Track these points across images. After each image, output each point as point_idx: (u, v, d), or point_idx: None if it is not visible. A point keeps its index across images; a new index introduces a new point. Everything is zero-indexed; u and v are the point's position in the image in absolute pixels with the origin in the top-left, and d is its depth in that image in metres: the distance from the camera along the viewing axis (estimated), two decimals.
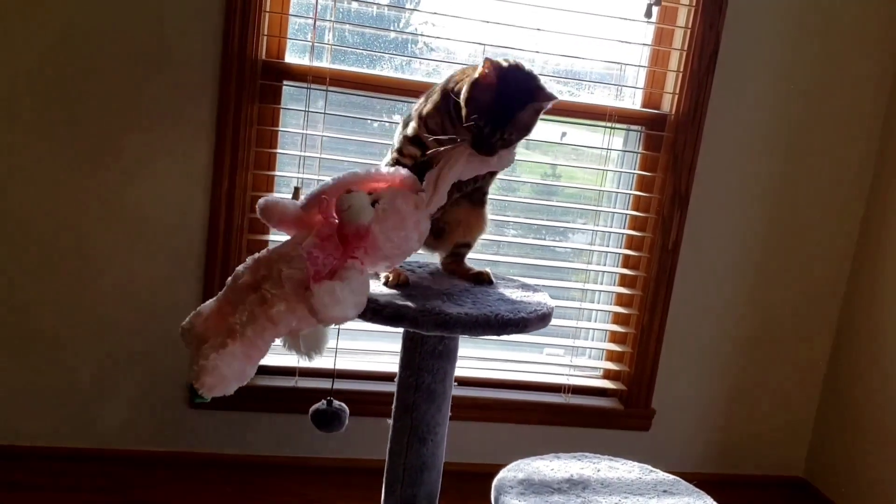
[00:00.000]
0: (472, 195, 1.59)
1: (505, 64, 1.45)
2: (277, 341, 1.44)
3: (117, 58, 2.03)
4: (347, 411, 1.68)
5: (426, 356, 1.52)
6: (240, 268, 1.49)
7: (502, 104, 1.42)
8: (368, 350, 2.34)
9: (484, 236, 1.69)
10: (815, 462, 2.56)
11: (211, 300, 1.52)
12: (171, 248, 2.15)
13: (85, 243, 2.11)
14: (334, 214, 1.42)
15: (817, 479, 2.55)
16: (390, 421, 1.61)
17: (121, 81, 2.05)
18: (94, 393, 2.20)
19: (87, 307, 2.15)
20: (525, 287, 1.64)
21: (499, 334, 1.42)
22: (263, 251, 1.50)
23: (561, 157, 2.41)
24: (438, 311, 1.38)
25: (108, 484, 2.17)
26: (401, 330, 1.52)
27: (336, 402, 1.66)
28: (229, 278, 1.51)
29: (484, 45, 2.16)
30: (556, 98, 1.45)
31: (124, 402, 2.21)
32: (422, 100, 1.58)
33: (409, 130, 1.56)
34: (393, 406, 1.60)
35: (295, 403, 2.25)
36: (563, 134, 2.36)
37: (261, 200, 1.51)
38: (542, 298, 1.56)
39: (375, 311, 1.39)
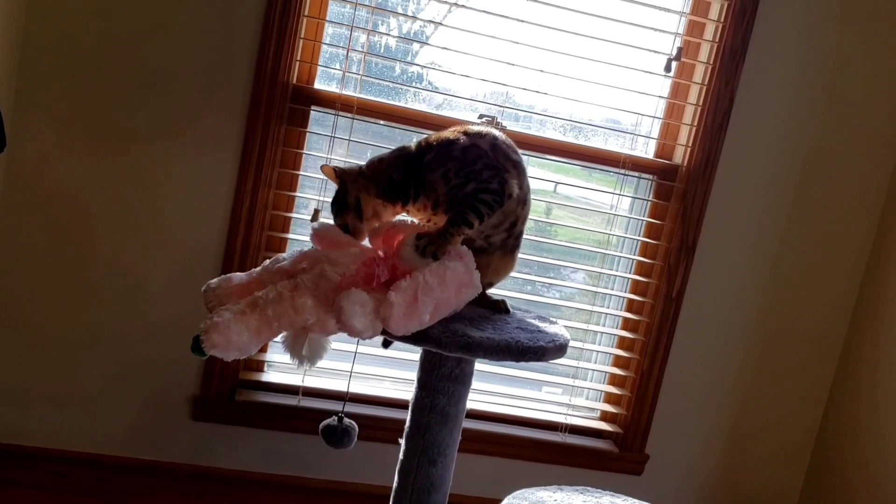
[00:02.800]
0: (506, 241, 1.64)
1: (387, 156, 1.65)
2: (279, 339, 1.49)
3: (154, 70, 2.09)
4: (357, 429, 1.71)
5: (443, 378, 1.56)
6: (281, 255, 1.54)
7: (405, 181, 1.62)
8: (376, 375, 2.37)
9: None
10: None
11: (241, 273, 1.57)
12: (186, 260, 2.19)
13: (99, 250, 2.15)
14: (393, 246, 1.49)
15: None
16: (402, 440, 1.64)
17: (154, 95, 2.10)
18: (98, 398, 2.21)
19: (98, 313, 2.18)
20: (541, 318, 1.68)
21: (518, 360, 1.46)
22: (309, 249, 1.55)
23: (571, 200, 2.47)
24: (462, 334, 1.42)
25: (105, 489, 2.18)
26: (410, 357, 1.57)
27: (346, 420, 1.69)
28: (268, 261, 1.56)
29: (509, 85, 2.24)
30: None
31: (127, 409, 2.23)
32: None
33: None
34: (406, 426, 1.63)
35: (297, 422, 2.28)
36: (556, 185, 2.44)
37: (316, 225, 1.61)
38: (559, 330, 1.60)
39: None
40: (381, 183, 1.60)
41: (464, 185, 1.53)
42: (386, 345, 1.72)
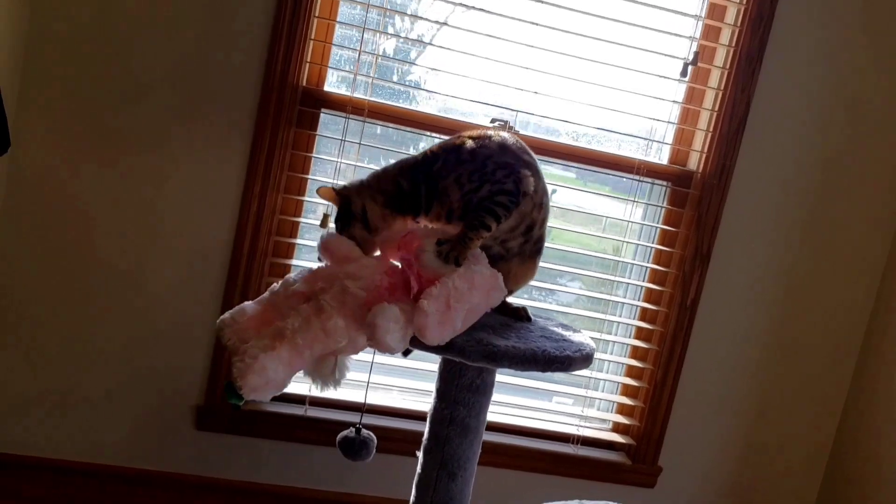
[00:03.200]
0: (523, 246, 1.59)
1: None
2: None
3: (161, 72, 2.04)
4: (375, 441, 1.65)
5: (463, 389, 1.51)
6: (290, 276, 1.48)
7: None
8: (389, 385, 2.32)
9: None
10: None
11: (251, 302, 1.50)
12: (191, 266, 2.13)
13: (102, 254, 2.09)
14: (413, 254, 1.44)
15: None
16: (419, 453, 1.59)
17: (161, 97, 2.05)
18: (100, 407, 2.15)
19: (101, 319, 2.12)
20: (564, 326, 1.63)
21: (544, 371, 1.41)
22: (321, 266, 1.49)
23: (586, 206, 2.42)
24: (487, 343, 1.37)
25: (107, 500, 2.12)
26: (424, 367, 1.53)
27: (364, 431, 1.64)
28: (275, 284, 1.50)
29: (522, 89, 2.19)
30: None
31: (130, 418, 2.17)
32: None
33: None
34: (424, 438, 1.58)
35: (304, 432, 2.23)
36: (554, 191, 2.39)
37: (325, 235, 1.55)
38: (584, 339, 1.55)
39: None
40: (389, 191, 1.54)
41: (478, 189, 1.48)
42: (406, 353, 1.67)
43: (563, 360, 1.41)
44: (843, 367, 2.51)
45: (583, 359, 1.45)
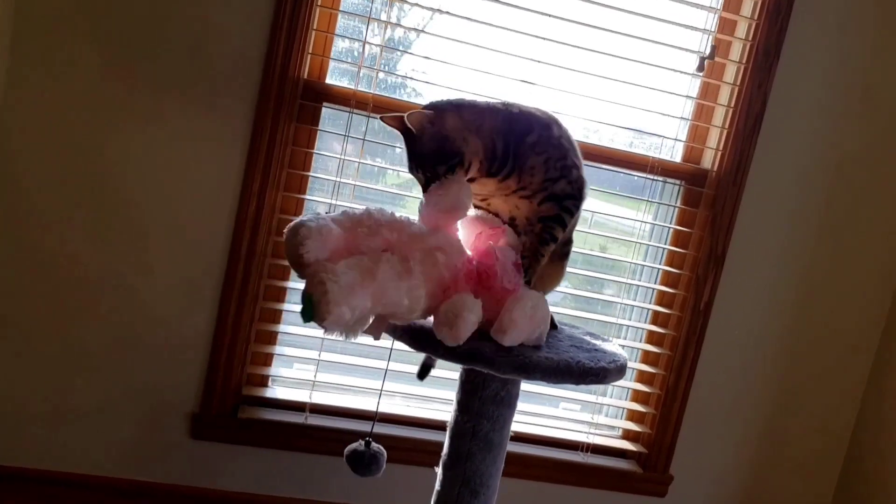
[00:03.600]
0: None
1: (432, 111, 1.43)
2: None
3: (155, 63, 1.93)
4: (385, 455, 1.56)
5: (487, 402, 1.41)
6: (374, 212, 1.36)
7: (408, 148, 1.44)
8: (395, 392, 2.23)
9: None
10: None
11: (329, 218, 1.33)
12: (186, 268, 2.03)
13: (94, 258, 1.98)
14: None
15: None
16: (438, 469, 1.49)
17: (157, 89, 1.94)
18: (92, 417, 2.05)
19: (93, 326, 2.01)
20: (592, 335, 1.54)
21: (577, 383, 1.32)
22: (404, 218, 1.39)
23: (595, 206, 2.34)
24: (518, 354, 1.28)
25: None
26: (435, 372, 1.46)
27: (374, 444, 1.54)
28: (357, 213, 1.36)
29: (531, 83, 2.10)
30: (416, 114, 1.40)
31: (124, 428, 2.06)
32: None
33: None
34: (444, 453, 1.48)
35: (304, 441, 2.13)
36: None
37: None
38: (616, 349, 1.47)
39: (448, 348, 1.28)
40: (488, 148, 1.43)
41: (557, 180, 1.44)
42: (423, 375, 1.59)
43: (598, 371, 1.32)
44: (859, 372, 2.44)
45: (617, 370, 1.36)
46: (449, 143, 1.39)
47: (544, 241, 1.43)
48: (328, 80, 2.08)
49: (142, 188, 1.97)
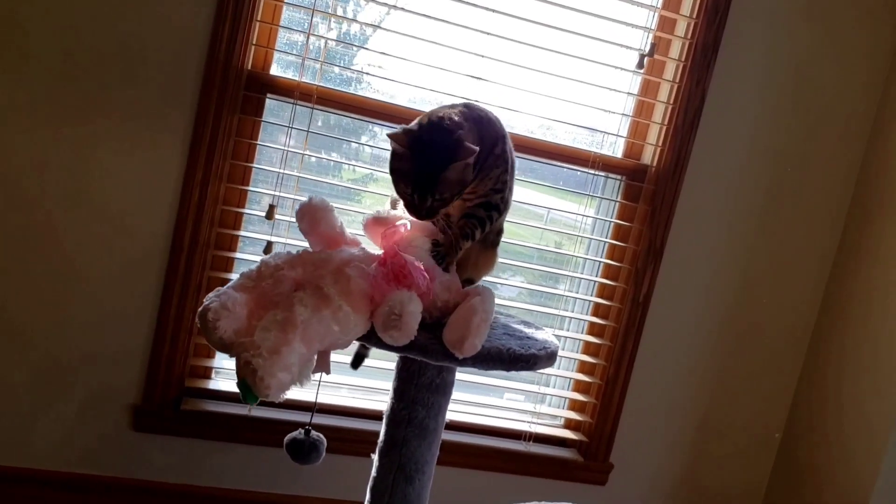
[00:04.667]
0: (486, 236, 1.53)
1: (416, 127, 1.37)
2: None
3: (98, 53, 1.91)
4: (325, 443, 1.57)
5: (422, 389, 1.44)
6: (269, 260, 1.37)
7: (423, 169, 1.34)
8: (338, 383, 2.24)
9: None
10: None
11: (231, 288, 1.34)
12: (128, 258, 2.02)
13: (31, 244, 1.96)
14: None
15: None
16: (374, 456, 1.51)
17: (98, 78, 1.92)
18: (27, 406, 2.02)
19: (28, 309, 1.99)
20: (526, 324, 1.58)
21: (508, 370, 1.35)
22: (300, 251, 1.40)
23: (538, 200, 2.37)
24: None
25: None
26: (378, 364, 1.48)
27: (314, 433, 1.55)
28: (252, 270, 1.37)
29: (475, 77, 2.13)
30: (476, 150, 1.36)
31: (61, 418, 2.04)
32: None
33: None
34: (380, 440, 1.50)
35: (249, 433, 2.13)
36: None
37: (309, 201, 1.45)
38: (547, 336, 1.50)
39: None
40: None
41: (497, 192, 1.47)
42: (357, 364, 1.61)
43: (528, 358, 1.35)
44: (793, 362, 2.51)
45: (547, 357, 1.39)
46: (468, 168, 1.38)
47: (465, 237, 1.45)
48: (272, 72, 2.09)
49: (82, 179, 1.95)
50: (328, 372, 1.35)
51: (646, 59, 2.25)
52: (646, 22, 2.28)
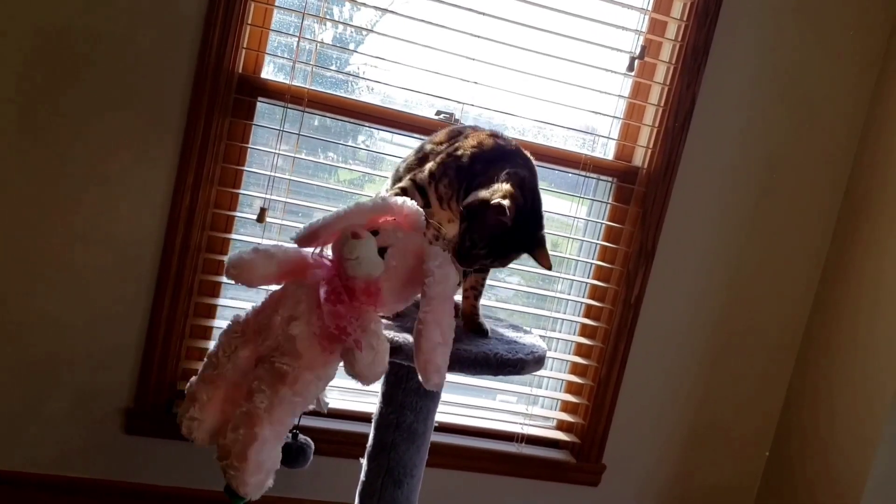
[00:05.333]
0: None
1: (522, 201, 1.38)
2: None
3: (89, 56, 1.92)
4: (313, 447, 1.58)
5: (411, 393, 1.44)
6: (224, 339, 1.38)
7: (508, 242, 1.38)
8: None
9: None
10: None
11: (195, 380, 1.39)
12: (120, 261, 2.02)
13: (24, 248, 1.96)
14: (330, 255, 1.35)
15: None
16: (363, 460, 1.52)
17: (88, 81, 1.93)
18: (19, 410, 2.02)
19: (21, 312, 1.99)
20: (514, 327, 1.58)
21: (496, 374, 1.36)
22: (248, 314, 1.40)
23: None
24: None
25: None
26: None
27: (301, 437, 1.56)
28: (214, 351, 1.39)
29: (467, 80, 2.13)
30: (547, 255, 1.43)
31: (53, 420, 2.04)
32: (433, 146, 1.55)
33: (418, 178, 1.51)
34: (368, 444, 1.51)
35: None
36: None
37: (230, 262, 1.40)
38: (535, 340, 1.51)
39: None
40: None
41: None
42: None
43: (515, 363, 1.36)
44: (784, 363, 2.52)
45: (535, 361, 1.40)
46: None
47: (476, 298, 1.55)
48: (263, 75, 2.09)
49: (74, 184, 1.96)
50: (323, 409, 1.44)
51: (636, 61, 2.26)
52: (636, 25, 2.29)
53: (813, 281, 2.48)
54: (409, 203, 1.41)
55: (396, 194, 1.50)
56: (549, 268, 1.38)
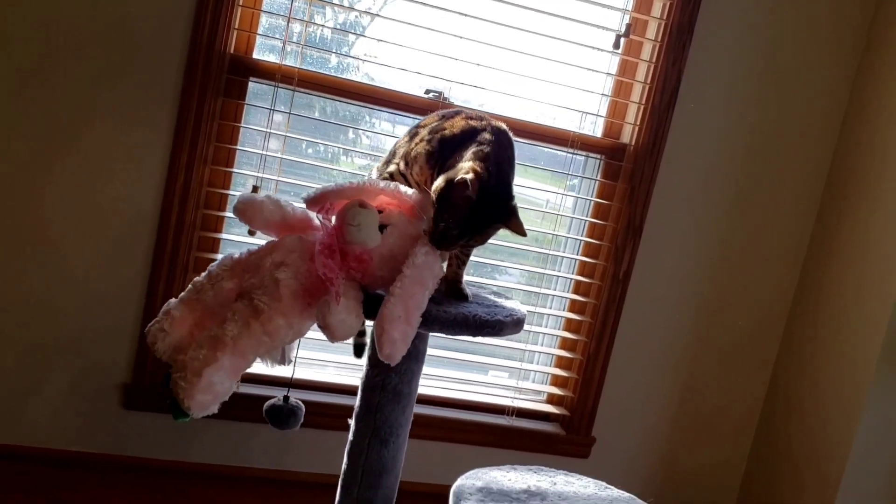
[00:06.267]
0: None
1: (486, 175, 1.37)
2: None
3: (81, 38, 1.96)
4: (303, 409, 1.63)
5: None
6: (214, 269, 1.42)
7: (478, 217, 1.38)
8: (318, 360, 2.29)
9: None
10: (746, 496, 2.60)
11: (175, 301, 1.43)
12: (117, 240, 2.06)
13: (20, 226, 2.01)
14: (332, 220, 1.38)
15: None
16: (351, 421, 1.56)
17: (81, 62, 1.97)
18: (19, 385, 2.07)
19: (19, 290, 2.04)
20: (497, 294, 1.62)
21: (475, 335, 1.40)
22: (242, 253, 1.44)
23: (519, 178, 2.42)
24: None
25: (32, 484, 2.04)
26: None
27: (292, 399, 1.61)
28: (201, 278, 1.44)
29: (455, 58, 2.17)
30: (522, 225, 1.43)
31: (52, 396, 2.09)
32: (421, 129, 1.57)
33: (400, 165, 1.55)
34: (356, 405, 1.56)
35: (235, 410, 2.16)
36: None
37: (241, 198, 1.46)
38: (515, 305, 1.55)
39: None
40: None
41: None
42: (359, 353, 1.64)
43: (493, 324, 1.40)
44: (771, 336, 2.56)
45: (514, 323, 1.44)
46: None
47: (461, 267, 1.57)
48: (255, 55, 2.13)
49: (68, 163, 2.00)
50: (286, 364, 1.46)
51: (622, 39, 2.29)
52: (622, 3, 2.32)
53: (799, 256, 2.52)
54: (416, 194, 1.47)
55: (384, 178, 1.55)
56: (524, 234, 1.41)
